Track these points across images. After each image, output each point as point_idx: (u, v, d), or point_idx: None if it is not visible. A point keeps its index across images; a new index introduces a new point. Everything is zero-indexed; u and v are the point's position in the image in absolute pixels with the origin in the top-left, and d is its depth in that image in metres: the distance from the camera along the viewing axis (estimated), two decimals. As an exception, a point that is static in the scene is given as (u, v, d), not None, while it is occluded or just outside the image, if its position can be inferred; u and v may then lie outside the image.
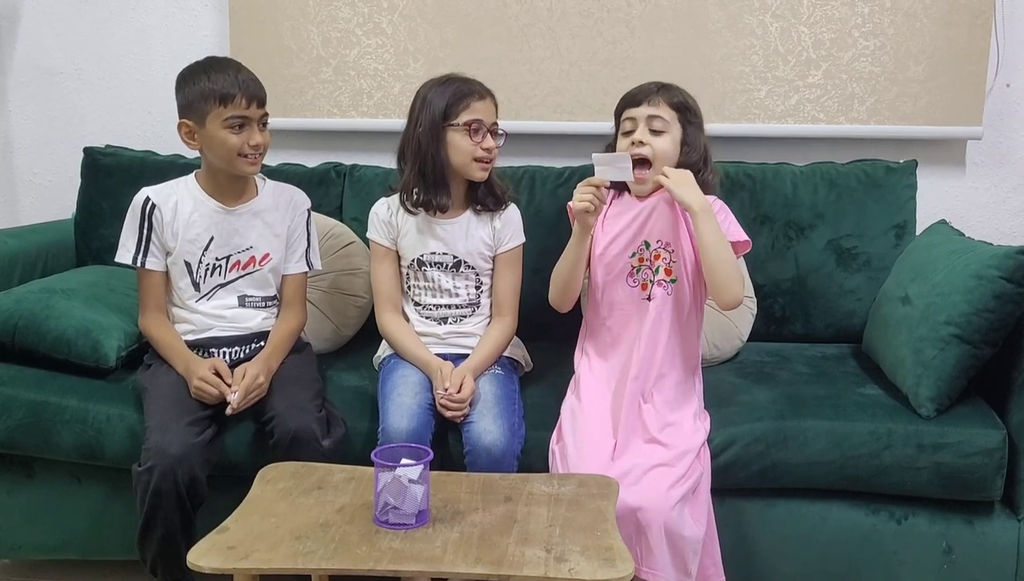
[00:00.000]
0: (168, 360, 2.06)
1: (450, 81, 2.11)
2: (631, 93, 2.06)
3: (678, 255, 2.01)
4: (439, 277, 2.16)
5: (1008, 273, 1.95)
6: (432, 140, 2.08)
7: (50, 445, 2.10)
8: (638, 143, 1.99)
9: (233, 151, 2.04)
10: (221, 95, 2.01)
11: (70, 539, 2.20)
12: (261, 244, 2.15)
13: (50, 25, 2.95)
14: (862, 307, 2.47)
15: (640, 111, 2.01)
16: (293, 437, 1.90)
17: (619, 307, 2.05)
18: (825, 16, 2.63)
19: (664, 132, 2.01)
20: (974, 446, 1.95)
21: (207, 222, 2.11)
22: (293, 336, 2.16)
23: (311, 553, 1.46)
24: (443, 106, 2.07)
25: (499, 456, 1.89)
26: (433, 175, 2.10)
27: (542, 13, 2.70)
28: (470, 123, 2.07)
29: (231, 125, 2.03)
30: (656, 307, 2.01)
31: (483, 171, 2.11)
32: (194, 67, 2.08)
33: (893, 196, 2.51)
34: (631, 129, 2.02)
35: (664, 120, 2.01)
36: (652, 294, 2.02)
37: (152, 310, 2.12)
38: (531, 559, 1.44)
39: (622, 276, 2.04)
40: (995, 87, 2.65)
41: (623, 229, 2.04)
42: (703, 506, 1.88)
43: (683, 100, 2.04)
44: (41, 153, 3.03)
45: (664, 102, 2.01)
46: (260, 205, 2.16)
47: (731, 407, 2.07)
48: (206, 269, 2.12)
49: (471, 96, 2.07)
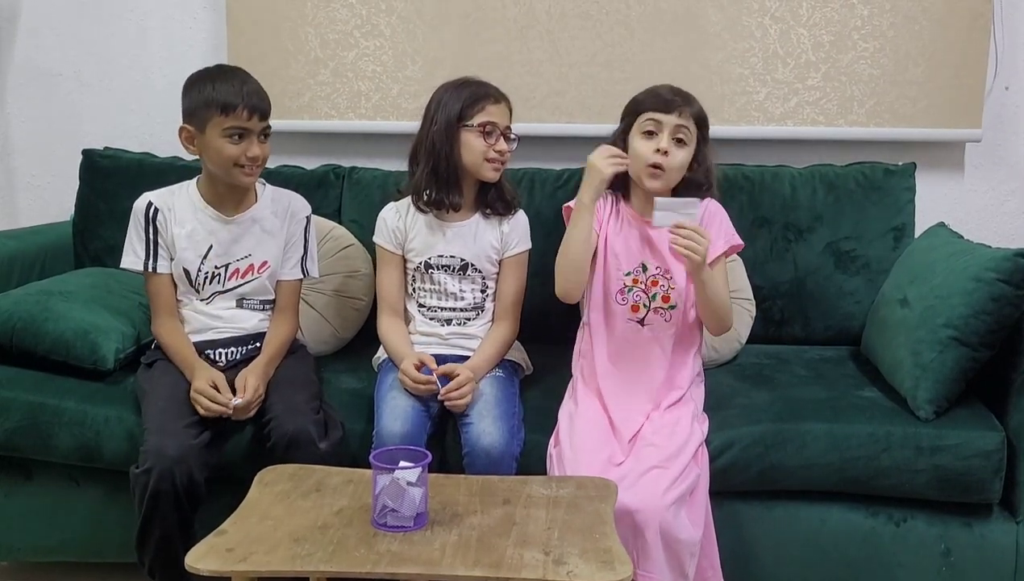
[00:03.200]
0: (178, 366, 2.06)
1: (466, 84, 2.14)
2: (661, 96, 2.00)
3: (676, 282, 2.01)
4: (445, 280, 2.17)
5: (1006, 276, 1.96)
6: (447, 140, 2.10)
7: (48, 447, 2.10)
8: (663, 151, 1.96)
9: (229, 161, 2.04)
10: (223, 104, 2.01)
11: (68, 541, 2.20)
12: (259, 252, 2.15)
13: (49, 27, 2.95)
14: (861, 309, 2.47)
15: (670, 118, 1.97)
16: (291, 439, 1.90)
17: (610, 319, 2.04)
18: (824, 18, 2.63)
19: (686, 144, 1.99)
20: (972, 448, 1.95)
21: (206, 230, 2.11)
22: (287, 344, 2.16)
23: (309, 556, 1.46)
24: (459, 108, 2.10)
25: (498, 458, 1.90)
26: (446, 174, 2.12)
27: (541, 15, 2.70)
28: (484, 125, 2.09)
29: (230, 135, 2.03)
30: (653, 335, 2.01)
31: (495, 172, 2.13)
32: (202, 73, 2.09)
33: (892, 198, 2.51)
34: (653, 131, 1.98)
35: (689, 132, 1.99)
36: (648, 320, 2.02)
37: (164, 315, 2.12)
38: (529, 561, 1.43)
39: (613, 291, 2.04)
40: (994, 89, 2.65)
41: (623, 246, 2.04)
42: (701, 508, 1.88)
43: (701, 111, 2.02)
44: (39, 155, 3.03)
45: (690, 112, 1.99)
46: (259, 213, 2.16)
47: (730, 409, 2.07)
48: (205, 277, 2.12)
49: (486, 99, 2.10)
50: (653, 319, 2.02)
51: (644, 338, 2.02)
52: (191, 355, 2.06)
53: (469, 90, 2.12)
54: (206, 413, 1.95)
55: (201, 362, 2.05)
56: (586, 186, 1.94)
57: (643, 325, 2.02)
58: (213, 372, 2.02)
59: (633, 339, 2.03)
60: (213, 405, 1.95)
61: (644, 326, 2.02)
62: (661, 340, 2.02)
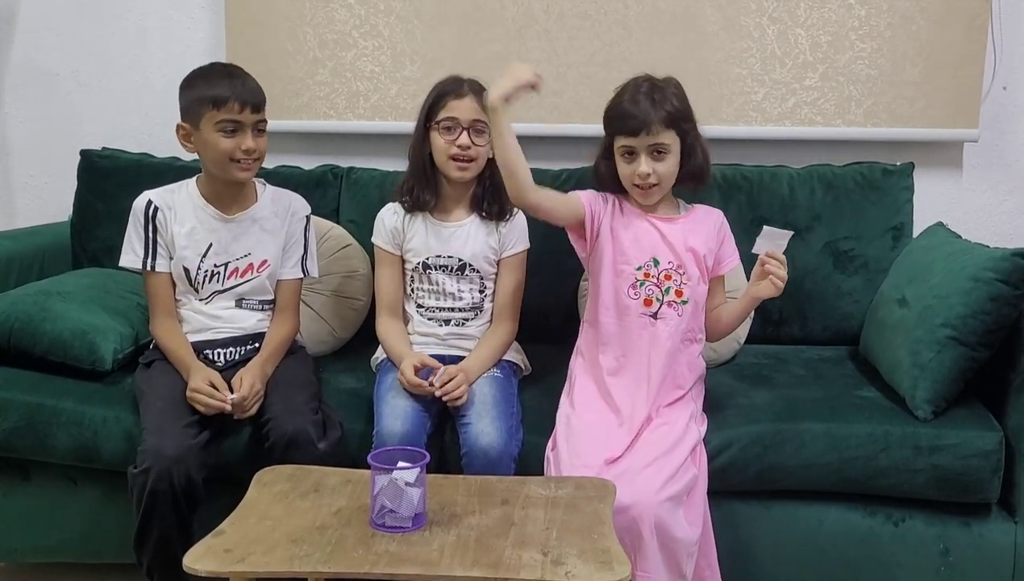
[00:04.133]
0: (175, 366, 2.06)
1: (439, 82, 2.15)
2: (624, 119, 1.96)
3: (689, 277, 2.01)
4: (443, 280, 2.17)
5: (1004, 275, 1.96)
6: (421, 139, 2.14)
7: (46, 448, 2.09)
8: (644, 176, 1.96)
9: (225, 155, 2.04)
10: (213, 98, 2.02)
11: (66, 542, 2.20)
12: (259, 251, 2.15)
13: (47, 27, 2.95)
14: (859, 309, 2.47)
15: (639, 141, 1.95)
16: (289, 440, 1.90)
17: (622, 316, 2.03)
18: (822, 19, 2.63)
19: (667, 153, 1.97)
20: (971, 448, 1.95)
21: (206, 229, 2.12)
22: (286, 343, 2.16)
23: (307, 556, 1.46)
24: (427, 107, 2.13)
25: (496, 458, 1.90)
26: (423, 174, 2.15)
27: (539, 15, 2.70)
28: (443, 121, 2.10)
29: (223, 129, 2.03)
30: (666, 328, 2.00)
31: (460, 170, 2.12)
32: (196, 71, 2.10)
33: (890, 198, 2.51)
34: (631, 156, 1.98)
35: (665, 144, 1.96)
36: (661, 314, 2.00)
37: (162, 314, 2.12)
38: (528, 562, 1.43)
39: (625, 286, 2.02)
40: (992, 90, 2.65)
41: (632, 241, 2.02)
42: (699, 508, 1.88)
43: (674, 110, 1.96)
44: (37, 155, 3.02)
45: (661, 125, 1.94)
46: (259, 212, 2.16)
47: (728, 409, 2.07)
48: (204, 275, 2.12)
49: (447, 95, 2.11)
50: (666, 313, 2.00)
51: (655, 333, 2.00)
52: (188, 356, 2.06)
53: (438, 88, 2.14)
54: (205, 410, 1.95)
55: (198, 363, 2.04)
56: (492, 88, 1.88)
57: (656, 318, 2.01)
58: (209, 371, 2.02)
59: (644, 334, 2.01)
60: (211, 402, 1.95)
61: (657, 319, 2.01)
62: (672, 335, 2.00)
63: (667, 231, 2.03)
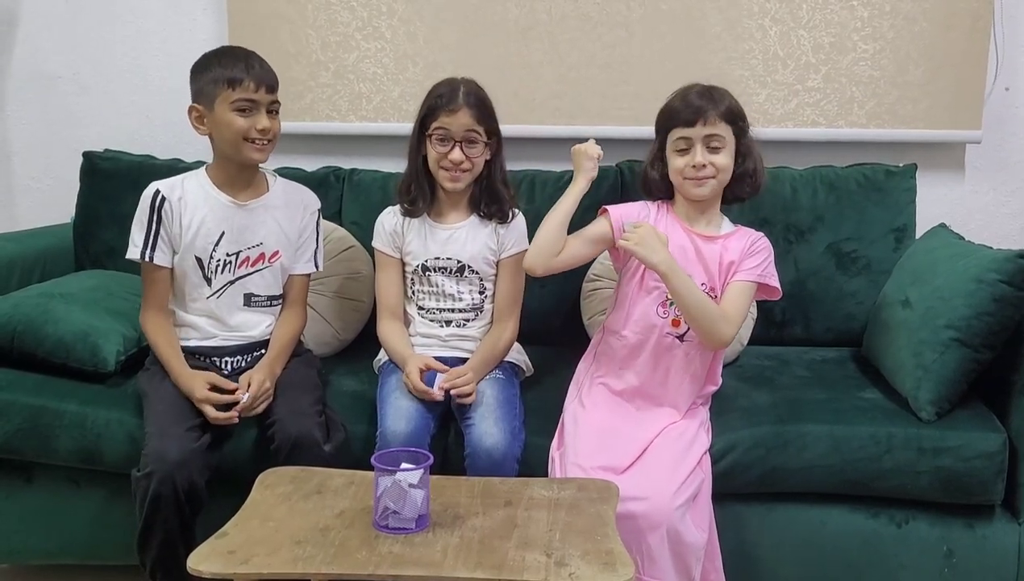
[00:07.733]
0: (161, 364, 2.05)
1: (433, 90, 2.13)
2: (680, 110, 1.96)
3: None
4: (443, 282, 2.17)
5: (1008, 277, 1.96)
6: (415, 145, 2.15)
7: (49, 450, 2.09)
8: (699, 166, 1.94)
9: (239, 134, 2.04)
10: (229, 78, 2.03)
11: (69, 544, 2.20)
12: (271, 241, 2.14)
13: (49, 29, 2.95)
14: (862, 311, 2.47)
15: (695, 132, 1.94)
16: (294, 442, 1.89)
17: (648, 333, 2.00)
18: (824, 20, 2.63)
19: (722, 148, 1.96)
20: (974, 450, 1.95)
21: (218, 217, 2.10)
22: (295, 339, 2.16)
23: (311, 558, 1.45)
24: (422, 115, 2.13)
25: (499, 459, 1.90)
26: (418, 178, 2.16)
27: (541, 17, 2.70)
28: (435, 132, 2.10)
29: (239, 108, 2.03)
30: (692, 350, 1.98)
31: (452, 181, 2.12)
32: (209, 54, 2.11)
33: (893, 200, 2.51)
34: (686, 148, 1.96)
35: (721, 136, 1.95)
36: (688, 336, 1.98)
37: (153, 308, 2.10)
38: (531, 563, 1.43)
39: (654, 304, 2.00)
40: (994, 91, 2.65)
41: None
42: (705, 512, 1.88)
43: (731, 106, 1.96)
44: (39, 157, 3.03)
45: (718, 117, 1.94)
46: (271, 201, 2.16)
47: (731, 412, 2.07)
48: (217, 264, 2.10)
49: (439, 109, 2.09)
50: (693, 335, 1.97)
51: (678, 355, 1.99)
52: (174, 358, 2.04)
53: (432, 98, 2.12)
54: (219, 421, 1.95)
55: (187, 372, 2.01)
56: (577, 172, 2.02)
57: (682, 341, 1.99)
58: (205, 375, 2.01)
59: (667, 355, 1.99)
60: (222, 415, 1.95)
61: (683, 342, 1.99)
62: (695, 358, 1.99)
63: (705, 250, 2.00)
